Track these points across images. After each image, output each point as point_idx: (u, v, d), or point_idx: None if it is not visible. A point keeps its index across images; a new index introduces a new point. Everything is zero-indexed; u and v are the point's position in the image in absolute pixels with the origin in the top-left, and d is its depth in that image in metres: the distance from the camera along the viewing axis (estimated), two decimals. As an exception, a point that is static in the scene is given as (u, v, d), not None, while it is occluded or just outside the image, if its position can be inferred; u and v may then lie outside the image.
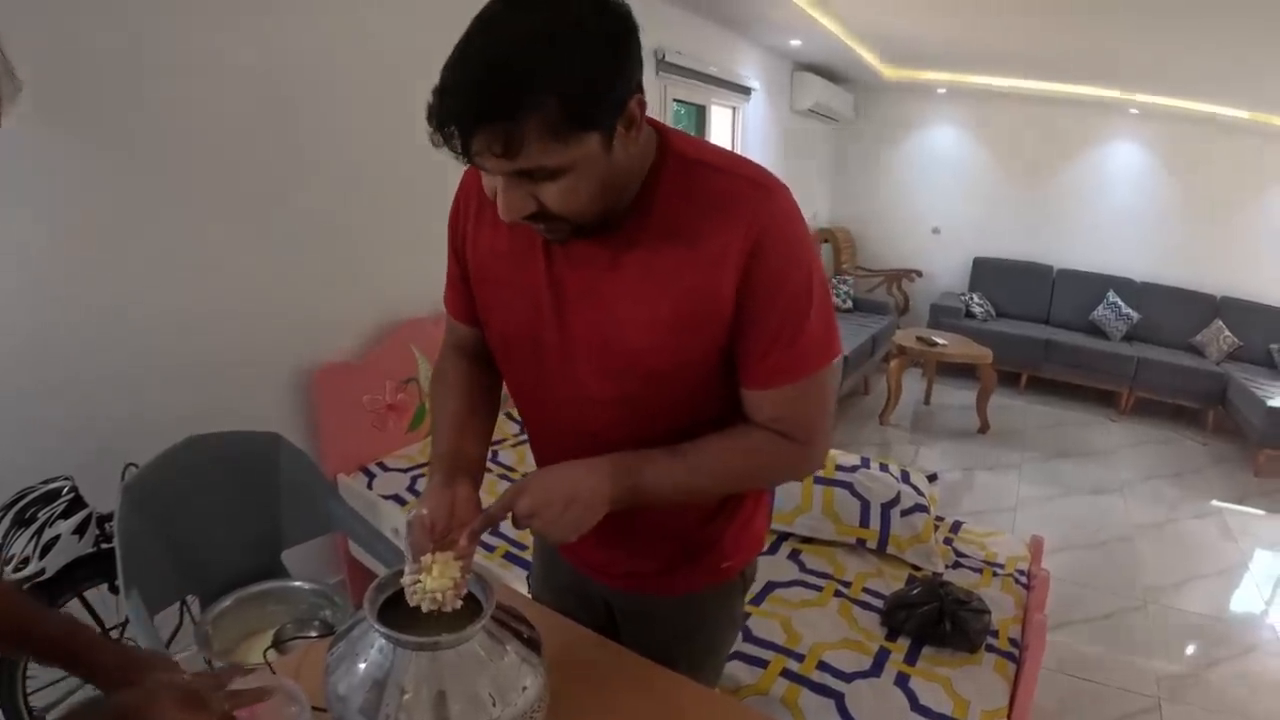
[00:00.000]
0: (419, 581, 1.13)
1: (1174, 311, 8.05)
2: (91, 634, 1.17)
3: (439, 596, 1.12)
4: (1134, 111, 8.16)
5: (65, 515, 2.17)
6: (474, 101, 0.97)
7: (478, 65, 0.97)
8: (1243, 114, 7.53)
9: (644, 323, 1.20)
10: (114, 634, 2.42)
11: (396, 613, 1.13)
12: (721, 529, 1.48)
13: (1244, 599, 4.52)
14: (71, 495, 2.21)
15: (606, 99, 1.02)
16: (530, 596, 1.83)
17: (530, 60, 0.95)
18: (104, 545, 2.26)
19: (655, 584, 1.52)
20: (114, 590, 2.28)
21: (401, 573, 1.16)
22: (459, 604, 1.14)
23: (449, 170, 1.34)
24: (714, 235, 1.16)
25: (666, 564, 1.49)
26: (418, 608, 1.13)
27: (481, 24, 1.00)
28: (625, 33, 1.03)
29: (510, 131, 0.97)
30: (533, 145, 0.99)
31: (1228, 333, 7.73)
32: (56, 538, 2.13)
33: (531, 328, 1.29)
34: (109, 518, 2.22)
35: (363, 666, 1.09)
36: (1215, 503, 5.78)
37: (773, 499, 3.00)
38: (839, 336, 1.29)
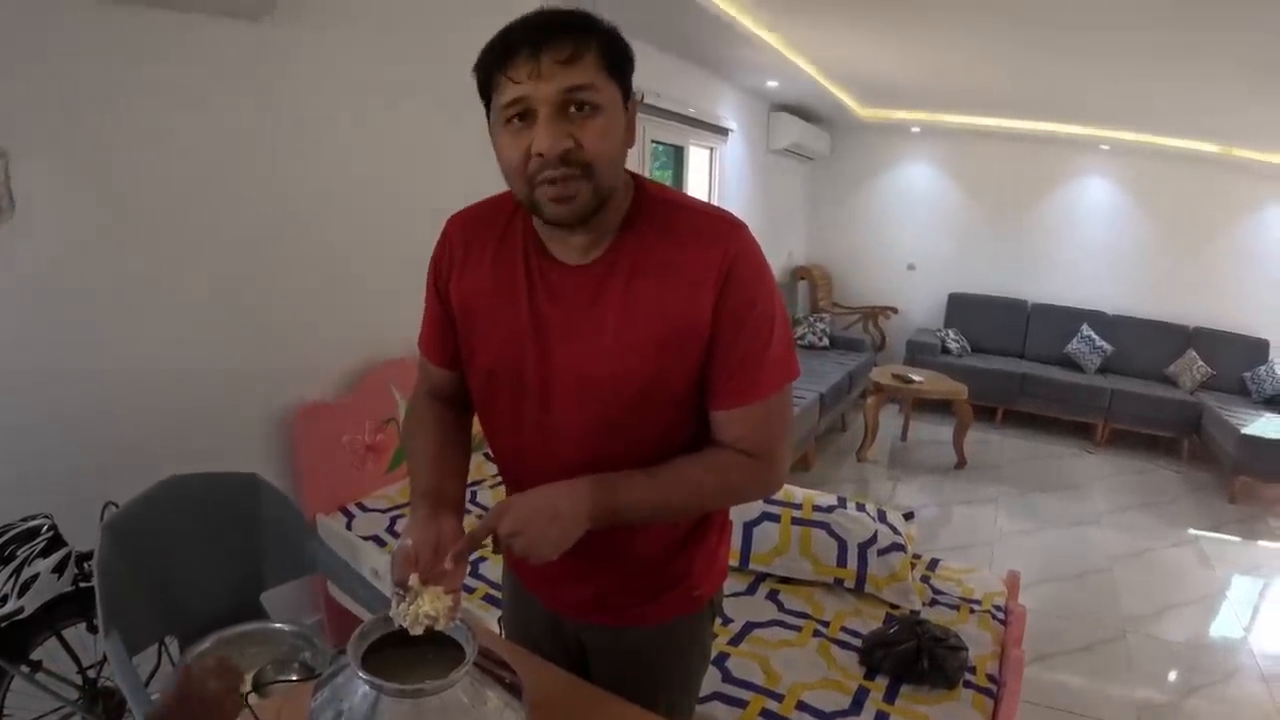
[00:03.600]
0: (410, 605, 1.14)
1: (1147, 343, 8.14)
2: None
3: (433, 613, 1.14)
4: (1104, 148, 8.28)
5: (44, 553, 2.15)
6: (548, 23, 1.15)
7: (542, 13, 1.16)
8: (1211, 148, 7.67)
9: (625, 352, 1.28)
10: (91, 674, 2.41)
11: (380, 659, 1.14)
12: (690, 559, 1.53)
13: (1223, 625, 4.55)
14: (50, 533, 2.19)
15: (628, 66, 1.23)
16: (503, 636, 1.85)
17: (584, 13, 1.19)
18: (83, 584, 2.24)
19: (628, 616, 1.55)
20: (92, 629, 2.27)
21: (385, 619, 1.17)
22: (454, 624, 1.16)
23: (428, 215, 1.38)
24: (691, 261, 1.26)
25: (638, 596, 1.53)
26: (402, 655, 1.14)
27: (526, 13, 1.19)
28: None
29: (577, 44, 1.15)
30: (590, 63, 1.16)
31: (1200, 362, 7.82)
32: (35, 576, 2.12)
33: (515, 362, 1.35)
34: (88, 556, 2.21)
35: (346, 713, 1.09)
36: (1192, 531, 5.82)
37: (733, 530, 3.06)
38: (797, 358, 1.38)
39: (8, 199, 0.73)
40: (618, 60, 1.20)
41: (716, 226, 1.29)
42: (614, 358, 1.28)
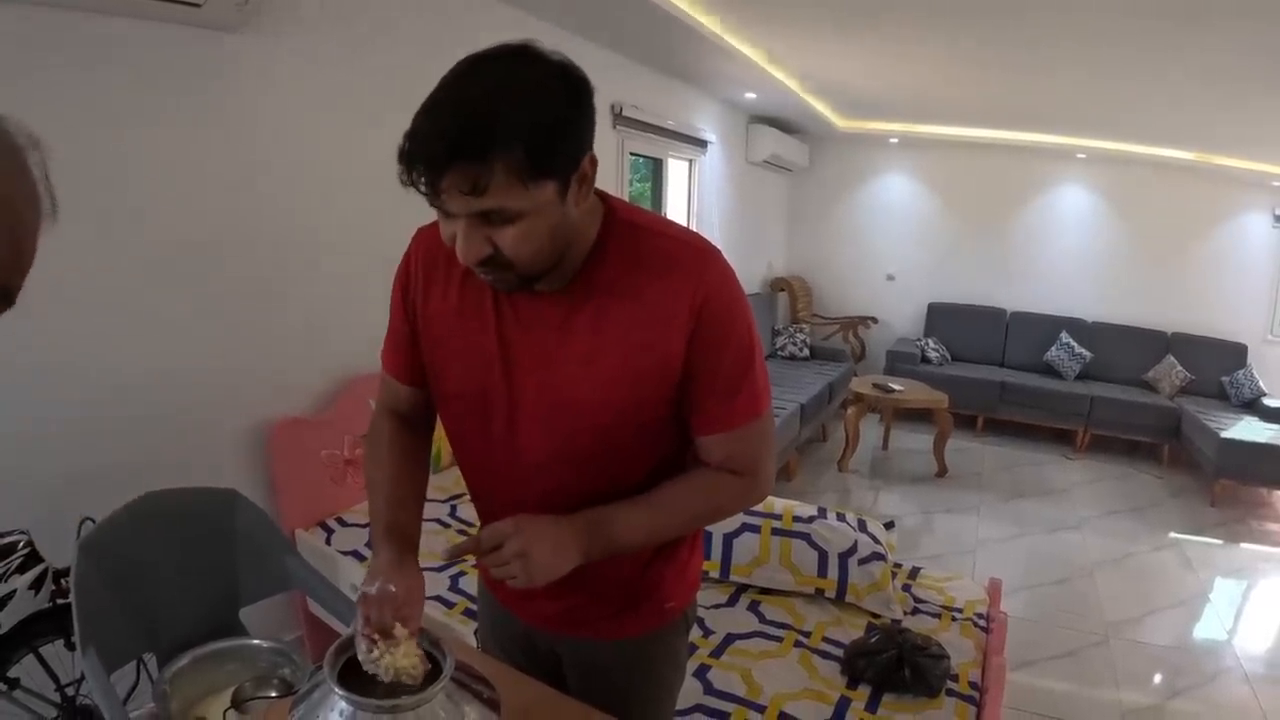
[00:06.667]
0: (381, 657, 1.13)
1: (1126, 349, 8.20)
2: None
3: (411, 669, 1.14)
4: (1081, 156, 8.34)
5: (21, 570, 2.13)
6: (446, 143, 1.03)
7: (450, 111, 1.05)
8: (1187, 155, 7.73)
9: (594, 380, 1.27)
10: (69, 691, 2.39)
11: (356, 673, 1.13)
12: (661, 572, 1.53)
13: (1206, 628, 4.57)
14: (27, 549, 2.17)
15: (566, 150, 1.10)
16: (479, 649, 1.84)
17: (500, 107, 1.04)
18: (60, 601, 2.23)
19: (603, 629, 1.55)
20: (70, 646, 2.25)
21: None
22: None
23: (404, 228, 1.37)
24: (661, 295, 1.24)
25: (610, 610, 1.53)
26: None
27: (453, 78, 1.09)
28: (584, 94, 1.12)
29: (479, 172, 1.04)
30: (499, 186, 1.05)
31: (1179, 367, 7.89)
32: (12, 593, 2.10)
33: (482, 389, 1.34)
34: (65, 573, 2.19)
35: (323, 729, 1.08)
36: (1174, 535, 5.86)
37: (713, 541, 3.09)
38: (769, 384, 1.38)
39: (50, 201, 0.82)
40: (541, 160, 1.07)
41: (688, 255, 1.27)
42: (581, 387, 1.28)
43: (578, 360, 1.27)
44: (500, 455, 1.37)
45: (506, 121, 1.03)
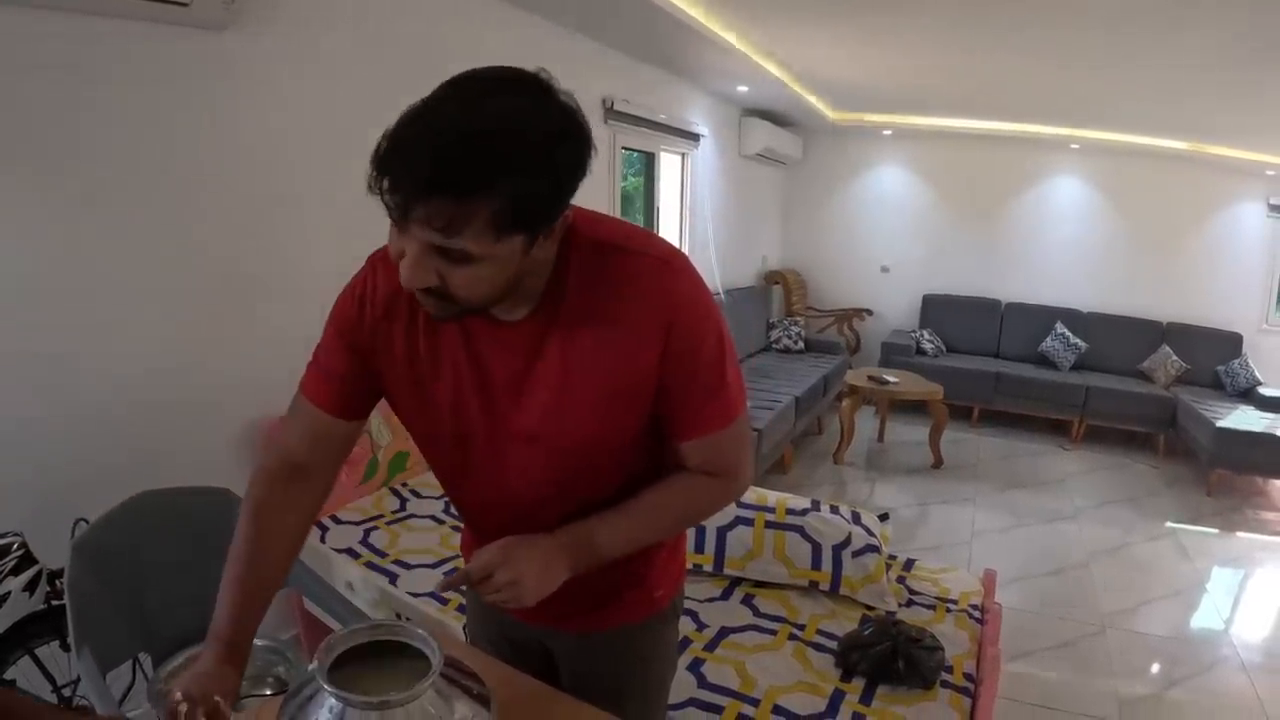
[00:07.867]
0: None
1: (1121, 339, 8.21)
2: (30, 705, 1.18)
3: None
4: (1075, 147, 8.35)
5: (15, 572, 2.14)
6: (434, 168, 0.95)
7: (448, 131, 0.95)
8: (1181, 145, 7.74)
9: (570, 406, 1.27)
10: (65, 692, 2.40)
11: (348, 672, 1.13)
12: (648, 561, 1.54)
13: (1203, 618, 4.58)
14: (21, 551, 2.18)
15: (550, 212, 1.07)
16: (468, 644, 1.85)
17: (503, 148, 0.96)
18: (55, 602, 2.23)
19: (591, 621, 1.55)
20: (65, 648, 2.25)
21: (354, 632, 1.17)
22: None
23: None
24: (630, 317, 1.22)
25: (601, 600, 1.53)
26: (371, 667, 1.15)
27: (461, 96, 1.00)
28: (586, 157, 1.06)
29: (456, 213, 0.97)
30: (471, 232, 0.99)
31: (1175, 357, 7.90)
32: (6, 595, 2.10)
33: (458, 421, 1.32)
34: (60, 574, 2.20)
35: (313, 726, 1.09)
36: (1170, 524, 5.87)
37: (706, 535, 3.12)
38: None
39: None
40: (521, 221, 1.02)
41: (653, 271, 1.23)
42: (558, 416, 1.27)
43: (555, 386, 1.26)
44: (482, 478, 1.38)
45: (505, 167, 0.96)
